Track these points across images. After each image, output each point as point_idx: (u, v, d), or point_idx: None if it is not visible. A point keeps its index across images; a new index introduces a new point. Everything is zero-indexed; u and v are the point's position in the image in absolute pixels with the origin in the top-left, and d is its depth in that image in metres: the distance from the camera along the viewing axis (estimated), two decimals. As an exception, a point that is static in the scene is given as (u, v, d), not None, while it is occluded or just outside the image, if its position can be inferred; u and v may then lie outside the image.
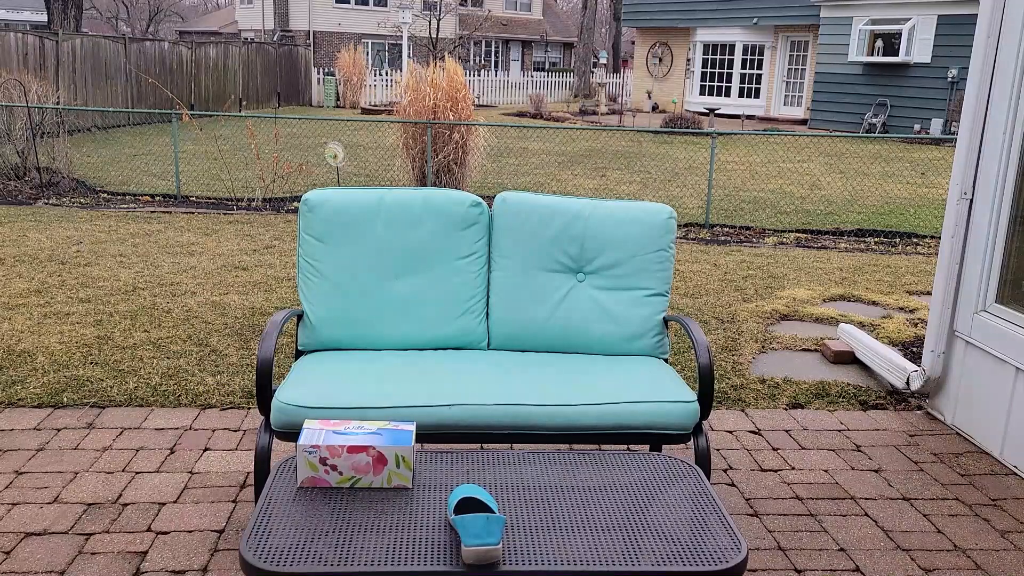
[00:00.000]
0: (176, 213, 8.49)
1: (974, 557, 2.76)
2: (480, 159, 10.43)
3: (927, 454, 3.52)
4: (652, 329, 3.02)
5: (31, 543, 2.63)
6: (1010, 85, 3.47)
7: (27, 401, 3.69)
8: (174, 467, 3.16)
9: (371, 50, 33.34)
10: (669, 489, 2.06)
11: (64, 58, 15.91)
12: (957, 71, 18.30)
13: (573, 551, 1.77)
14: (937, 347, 3.85)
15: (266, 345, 2.58)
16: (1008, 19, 3.49)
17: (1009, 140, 3.49)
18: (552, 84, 31.93)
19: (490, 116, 22.07)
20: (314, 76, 27.77)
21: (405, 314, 2.99)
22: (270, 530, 1.81)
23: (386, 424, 2.09)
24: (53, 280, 5.65)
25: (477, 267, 3.05)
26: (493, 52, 40.24)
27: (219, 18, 44.16)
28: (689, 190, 10.86)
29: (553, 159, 13.91)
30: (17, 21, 36.37)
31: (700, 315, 5.37)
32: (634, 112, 25.76)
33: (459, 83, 9.68)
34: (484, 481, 2.06)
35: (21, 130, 9.48)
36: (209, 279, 5.84)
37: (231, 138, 14.58)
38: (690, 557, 1.77)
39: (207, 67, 21.40)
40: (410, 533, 1.81)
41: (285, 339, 4.53)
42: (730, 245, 7.87)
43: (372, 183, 10.62)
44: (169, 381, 3.95)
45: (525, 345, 3.04)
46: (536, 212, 3.04)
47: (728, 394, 4.07)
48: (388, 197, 3.03)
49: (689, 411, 2.61)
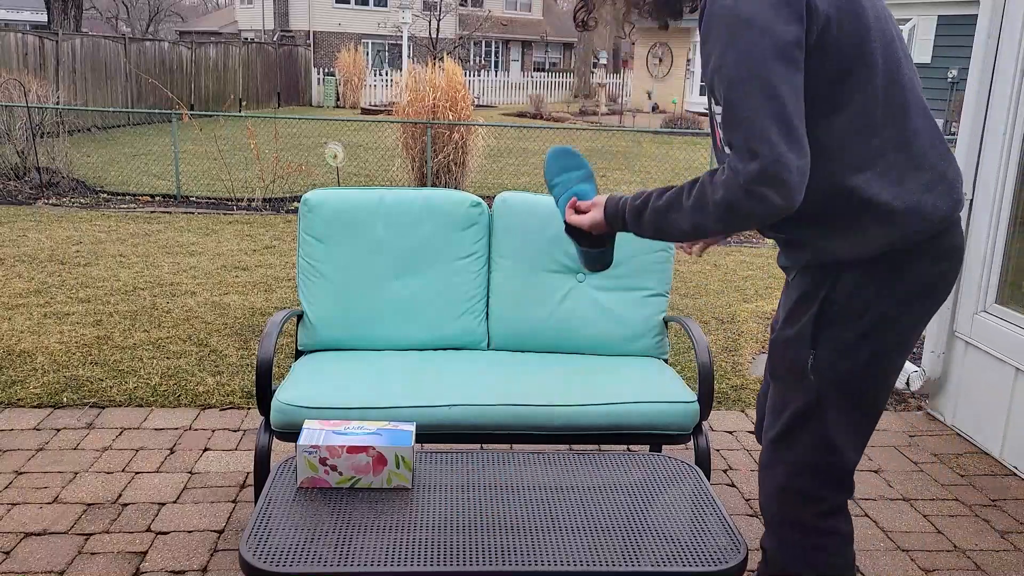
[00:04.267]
0: (176, 213, 8.49)
1: (974, 557, 2.76)
2: (480, 159, 10.43)
3: (927, 454, 3.52)
4: (652, 329, 3.02)
5: (31, 543, 2.63)
6: (1010, 85, 3.47)
7: (27, 401, 3.69)
8: (174, 467, 3.16)
9: (371, 50, 33.35)
10: (669, 489, 2.06)
11: (64, 58, 15.92)
12: (957, 71, 18.30)
13: (573, 551, 1.77)
14: (937, 347, 3.85)
15: (266, 345, 2.58)
16: (1008, 19, 3.49)
17: (1009, 140, 3.49)
18: (552, 84, 31.92)
19: (490, 116, 22.07)
20: (314, 76, 27.78)
21: (405, 314, 2.99)
22: (270, 530, 1.81)
23: (386, 424, 2.08)
24: (53, 280, 5.65)
25: (477, 267, 3.05)
26: (493, 52, 40.24)
27: (219, 18, 44.17)
28: (689, 190, 10.85)
29: (553, 159, 13.88)
30: (17, 21, 36.38)
31: (700, 315, 5.37)
32: (634, 112, 25.76)
33: (458, 83, 9.69)
34: (484, 481, 2.06)
35: (21, 130, 9.48)
36: (209, 279, 5.84)
37: (231, 138, 14.58)
38: (690, 557, 1.77)
39: (207, 67, 21.41)
40: (410, 533, 1.81)
41: (285, 339, 4.53)
42: (730, 245, 7.87)
43: (372, 183, 10.62)
44: (169, 381, 3.95)
45: (525, 345, 3.04)
46: (536, 212, 3.04)
47: (728, 394, 4.07)
48: (388, 197, 3.03)
49: (689, 411, 2.60)
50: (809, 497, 1.77)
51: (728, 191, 1.56)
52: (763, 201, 1.54)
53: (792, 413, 1.78)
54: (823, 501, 1.78)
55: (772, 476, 1.82)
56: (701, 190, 1.63)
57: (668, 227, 1.73)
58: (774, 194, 1.53)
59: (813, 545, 1.78)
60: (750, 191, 1.53)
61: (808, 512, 1.77)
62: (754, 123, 1.52)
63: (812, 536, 1.78)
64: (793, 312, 1.78)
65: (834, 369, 1.73)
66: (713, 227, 1.64)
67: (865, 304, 1.70)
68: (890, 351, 1.74)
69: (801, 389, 1.76)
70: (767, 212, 1.55)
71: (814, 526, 1.78)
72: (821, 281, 1.73)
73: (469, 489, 2.02)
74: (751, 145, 1.51)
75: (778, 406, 1.83)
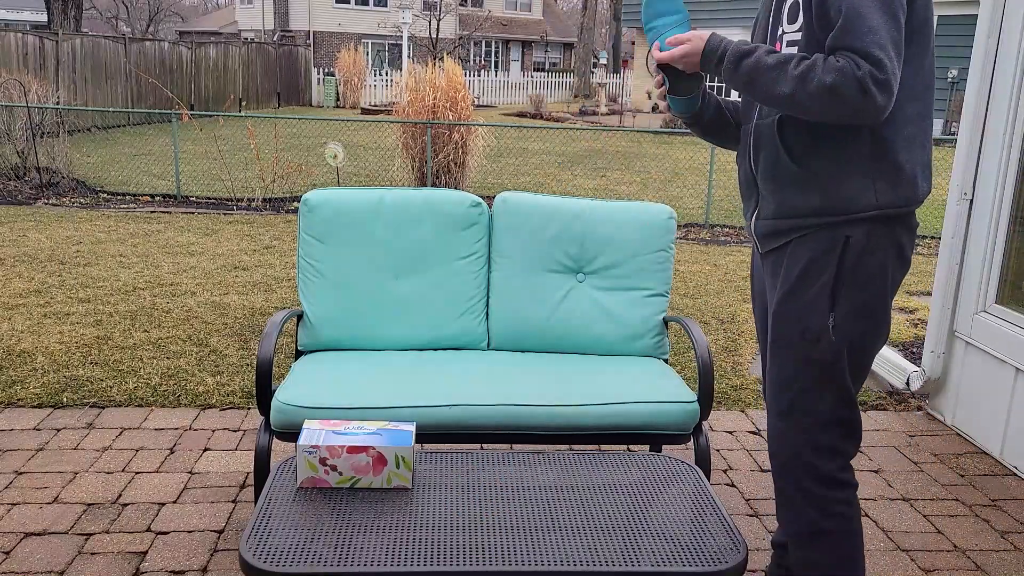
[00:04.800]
0: (176, 213, 8.49)
1: (974, 557, 2.76)
2: (480, 159, 10.43)
3: (927, 454, 3.52)
4: (652, 329, 3.02)
5: (31, 543, 2.63)
6: (1010, 85, 3.47)
7: (27, 401, 3.69)
8: (174, 467, 3.16)
9: (371, 50, 33.35)
10: (669, 489, 2.06)
11: (64, 58, 15.91)
12: (957, 71, 18.30)
13: (573, 551, 1.77)
14: (937, 347, 3.85)
15: (266, 345, 2.58)
16: (1008, 19, 3.49)
17: (1009, 140, 3.49)
18: (552, 84, 31.92)
19: (490, 116, 22.07)
20: (314, 76, 27.78)
21: (405, 314, 2.99)
22: (270, 530, 1.81)
23: (386, 424, 2.08)
24: (53, 280, 5.65)
25: (477, 267, 3.05)
26: (493, 52, 40.25)
27: (219, 18, 44.17)
28: (689, 190, 10.87)
29: (553, 159, 13.91)
30: (17, 21, 36.37)
31: (700, 315, 5.37)
32: (634, 112, 25.76)
33: (458, 83, 9.69)
34: (484, 481, 2.06)
35: (21, 130, 9.48)
36: (209, 279, 5.84)
37: (231, 138, 14.58)
38: (690, 557, 1.77)
39: (207, 67, 21.40)
40: (410, 533, 1.81)
41: (285, 339, 4.53)
42: (730, 245, 7.87)
43: (372, 183, 10.62)
44: (169, 381, 3.95)
45: (525, 345, 3.04)
46: (536, 212, 3.04)
47: (728, 394, 4.07)
48: (388, 197, 3.03)
49: (689, 411, 2.60)
50: (835, 451, 1.94)
51: (841, 76, 1.68)
52: (866, 97, 1.67)
53: (808, 379, 1.92)
54: (845, 454, 1.96)
55: (790, 442, 1.96)
56: (811, 66, 1.73)
57: (763, 84, 1.80)
58: (879, 97, 1.67)
59: (836, 499, 1.95)
60: (863, 84, 1.66)
61: (833, 465, 1.94)
62: (879, 34, 1.67)
63: (835, 489, 1.94)
64: (803, 279, 1.91)
65: (854, 330, 1.89)
66: (805, 103, 1.74)
67: (878, 266, 1.88)
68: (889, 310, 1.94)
69: (817, 351, 1.90)
70: (864, 108, 1.69)
71: (835, 478, 1.95)
72: (829, 247, 1.88)
73: (469, 489, 2.02)
74: (873, 51, 1.66)
75: (787, 376, 1.96)
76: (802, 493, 1.96)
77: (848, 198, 1.86)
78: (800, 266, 1.92)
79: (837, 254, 1.87)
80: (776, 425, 2.00)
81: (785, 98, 1.77)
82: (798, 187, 1.91)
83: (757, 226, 2.04)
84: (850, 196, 1.86)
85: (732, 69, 1.86)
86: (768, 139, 1.96)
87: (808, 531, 1.98)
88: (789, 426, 1.96)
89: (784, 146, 1.91)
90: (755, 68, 1.81)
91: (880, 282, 1.89)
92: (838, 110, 1.72)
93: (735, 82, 1.86)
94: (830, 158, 1.86)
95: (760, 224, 2.03)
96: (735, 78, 1.86)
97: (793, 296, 1.93)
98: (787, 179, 1.92)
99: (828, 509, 1.95)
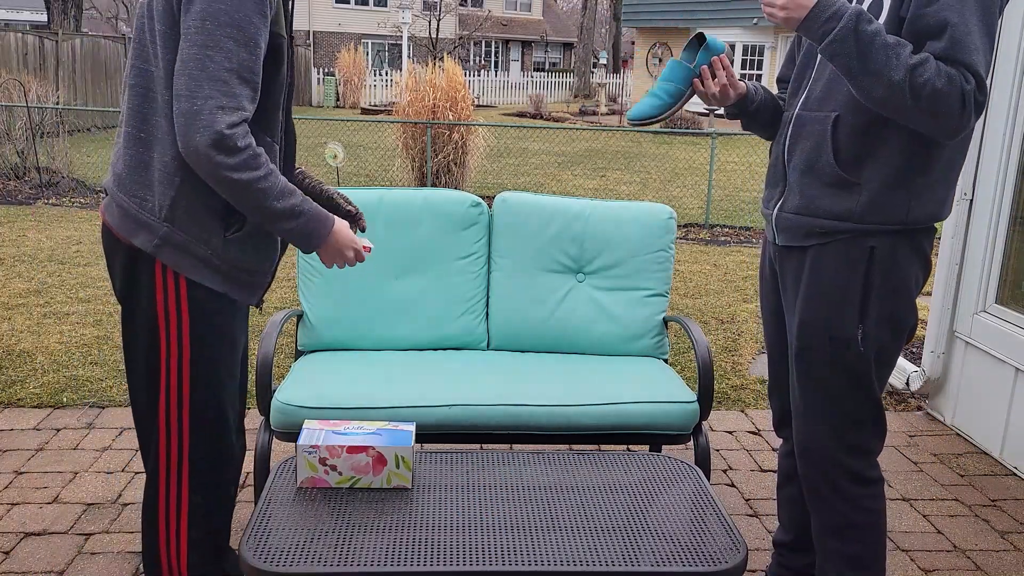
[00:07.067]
0: (176, 213, 8.48)
1: (974, 558, 2.76)
2: (480, 159, 10.43)
3: (927, 455, 3.52)
4: (652, 329, 3.02)
5: (31, 543, 2.63)
6: (1010, 85, 3.47)
7: (27, 401, 3.69)
8: (174, 467, 3.16)
9: (371, 50, 33.35)
10: (669, 489, 2.06)
11: (64, 58, 15.91)
12: (957, 71, 18.26)
13: (573, 551, 1.77)
14: (937, 348, 3.85)
15: (266, 345, 2.58)
16: (1008, 19, 3.49)
17: (1009, 140, 3.49)
18: (552, 84, 31.91)
19: (490, 116, 22.08)
20: (314, 76, 27.76)
21: (405, 314, 2.99)
22: (270, 530, 1.81)
23: (386, 424, 2.08)
24: (53, 280, 5.65)
25: (477, 267, 3.05)
26: (493, 52, 40.25)
27: (219, 18, 44.08)
28: (689, 190, 10.87)
29: (553, 159, 13.91)
30: (17, 21, 36.36)
31: (700, 315, 5.37)
32: (634, 112, 25.71)
33: (458, 83, 9.68)
34: (484, 481, 2.06)
35: (21, 130, 9.48)
36: (209, 279, 5.84)
37: (231, 138, 14.54)
38: (690, 557, 1.77)
39: (207, 67, 21.36)
40: (410, 533, 1.81)
41: (285, 339, 4.53)
42: (730, 245, 7.87)
43: (372, 183, 10.62)
44: (169, 381, 3.95)
45: (525, 345, 3.04)
46: (536, 212, 3.04)
47: (728, 394, 4.07)
48: (388, 197, 3.03)
49: (689, 411, 2.61)
50: (864, 449, 2.02)
51: (950, 85, 1.70)
52: (963, 112, 1.72)
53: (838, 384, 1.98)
54: (873, 451, 2.04)
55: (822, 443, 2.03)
56: (927, 63, 1.72)
57: (877, 58, 1.72)
58: (973, 116, 1.74)
59: (865, 494, 2.04)
60: (965, 99, 1.71)
61: (863, 463, 2.03)
62: (986, 55, 1.74)
63: (865, 485, 2.04)
64: (829, 290, 1.95)
65: (882, 337, 1.95)
66: (907, 95, 1.72)
67: (905, 275, 1.92)
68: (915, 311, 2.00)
69: (846, 359, 1.95)
70: (958, 123, 1.73)
71: (864, 475, 2.03)
72: (856, 256, 1.91)
73: (469, 489, 2.02)
74: (980, 71, 1.72)
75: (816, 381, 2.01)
76: (834, 490, 2.04)
77: (882, 211, 1.87)
78: (826, 276, 1.95)
79: (864, 265, 1.90)
80: (806, 427, 2.06)
81: (891, 85, 1.70)
82: (833, 190, 1.90)
83: (779, 218, 2.03)
84: (885, 209, 1.87)
85: (851, 28, 1.71)
86: (812, 133, 1.92)
87: (841, 524, 2.05)
88: (820, 428, 2.02)
89: (834, 147, 1.88)
90: (872, 42, 1.71)
91: (907, 291, 1.94)
92: (931, 116, 1.71)
93: (842, 46, 1.73)
94: (881, 169, 1.85)
95: (782, 217, 2.02)
96: (842, 46, 1.73)
97: (821, 306, 1.96)
98: (823, 179, 1.91)
99: (859, 504, 2.03)
